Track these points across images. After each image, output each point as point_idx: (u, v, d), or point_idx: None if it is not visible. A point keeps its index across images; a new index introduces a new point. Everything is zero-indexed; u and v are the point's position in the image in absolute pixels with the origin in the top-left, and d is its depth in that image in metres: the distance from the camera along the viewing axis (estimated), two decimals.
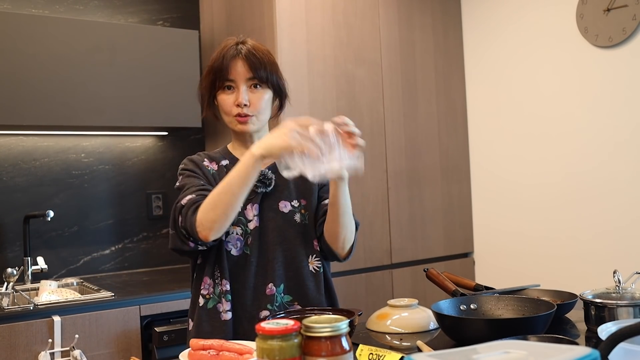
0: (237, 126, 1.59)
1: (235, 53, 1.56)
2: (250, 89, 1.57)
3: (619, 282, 1.48)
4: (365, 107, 2.90)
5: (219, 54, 1.58)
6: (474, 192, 3.30)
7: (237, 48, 1.57)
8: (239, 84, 1.56)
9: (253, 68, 1.55)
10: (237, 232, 1.56)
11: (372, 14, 2.95)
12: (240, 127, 1.58)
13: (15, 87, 2.44)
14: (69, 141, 2.89)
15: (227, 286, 1.55)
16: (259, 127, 1.60)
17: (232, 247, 1.56)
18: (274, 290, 1.55)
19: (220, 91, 1.58)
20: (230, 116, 1.58)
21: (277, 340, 0.97)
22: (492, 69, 3.17)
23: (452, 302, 1.51)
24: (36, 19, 2.51)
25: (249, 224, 1.57)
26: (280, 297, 1.56)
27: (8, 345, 2.08)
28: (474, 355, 0.86)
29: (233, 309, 1.55)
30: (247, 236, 1.57)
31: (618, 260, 2.63)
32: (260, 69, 1.56)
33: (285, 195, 1.60)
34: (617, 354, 0.93)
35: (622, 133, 2.65)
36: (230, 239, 1.56)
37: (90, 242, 2.91)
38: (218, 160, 1.65)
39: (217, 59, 1.57)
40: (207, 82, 1.60)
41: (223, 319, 1.54)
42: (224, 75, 1.55)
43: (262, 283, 1.56)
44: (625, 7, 2.60)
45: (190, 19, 3.22)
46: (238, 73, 1.55)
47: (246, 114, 1.56)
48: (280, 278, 1.56)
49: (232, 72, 1.55)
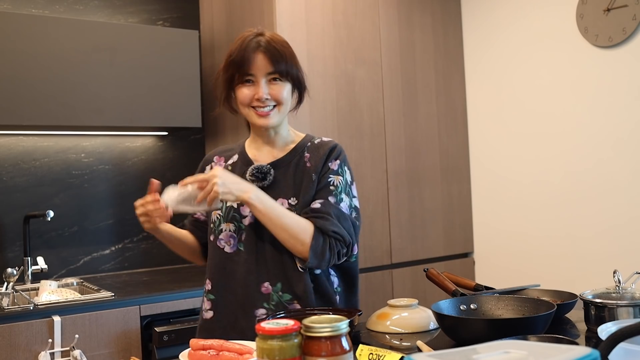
0: (256, 119, 1.55)
1: (255, 46, 1.52)
2: (270, 83, 1.54)
3: (619, 282, 1.48)
4: (365, 107, 2.90)
5: (238, 46, 1.54)
6: (474, 192, 3.30)
7: (257, 40, 1.53)
8: (259, 78, 1.53)
9: (274, 61, 1.52)
10: (230, 228, 1.55)
11: (372, 14, 2.95)
12: (261, 120, 1.55)
13: (15, 87, 2.44)
14: (69, 141, 2.89)
15: (209, 285, 1.58)
16: (279, 120, 1.58)
17: (225, 244, 1.56)
18: (270, 289, 1.53)
19: (239, 84, 1.55)
20: (249, 110, 1.55)
21: (277, 340, 0.97)
22: (492, 68, 3.17)
23: (452, 302, 1.51)
24: (36, 19, 2.51)
25: (244, 220, 1.55)
26: (277, 295, 1.52)
27: (8, 345, 2.08)
28: (474, 355, 0.86)
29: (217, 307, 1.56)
30: (241, 232, 1.55)
31: (618, 260, 2.63)
32: (281, 62, 1.53)
33: (284, 193, 1.56)
34: (617, 354, 0.93)
35: (622, 133, 2.65)
36: (223, 236, 1.56)
37: (90, 242, 2.91)
38: (227, 157, 1.67)
39: (236, 51, 1.53)
40: (225, 75, 1.57)
41: (204, 318, 1.58)
42: (244, 69, 1.52)
43: (256, 281, 1.53)
44: (625, 7, 2.60)
45: (190, 19, 3.22)
46: (258, 67, 1.52)
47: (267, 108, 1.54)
48: (277, 276, 1.53)
49: (253, 66, 1.52)
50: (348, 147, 2.83)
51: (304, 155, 1.60)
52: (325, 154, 1.59)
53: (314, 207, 1.52)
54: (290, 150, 1.62)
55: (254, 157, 1.63)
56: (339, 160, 1.60)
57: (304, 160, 1.59)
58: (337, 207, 1.53)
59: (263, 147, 1.63)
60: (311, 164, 1.58)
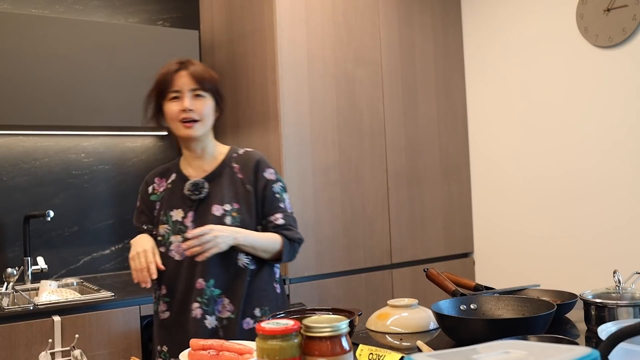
0: (182, 131, 1.75)
1: (178, 68, 1.76)
2: (194, 98, 1.75)
3: (619, 282, 1.48)
4: (365, 107, 2.90)
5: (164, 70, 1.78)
6: (474, 192, 3.30)
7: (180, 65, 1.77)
8: (184, 93, 1.74)
9: (196, 78, 1.75)
10: (178, 240, 1.75)
11: (372, 14, 2.95)
12: (185, 131, 1.75)
13: (15, 87, 2.44)
14: (69, 141, 2.89)
15: (164, 290, 1.78)
16: (203, 131, 1.78)
17: (176, 253, 1.76)
18: (203, 284, 1.72)
19: (167, 101, 1.76)
20: (176, 122, 1.75)
21: (278, 340, 0.98)
22: (492, 68, 3.17)
23: (452, 302, 1.51)
24: (36, 19, 2.51)
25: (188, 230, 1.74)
26: (209, 290, 1.72)
27: (8, 345, 2.08)
28: (474, 355, 0.86)
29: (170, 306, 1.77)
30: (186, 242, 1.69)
31: (618, 260, 2.63)
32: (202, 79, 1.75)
33: (218, 200, 1.77)
34: (617, 354, 0.93)
35: (621, 133, 2.65)
36: (173, 247, 1.76)
37: (90, 242, 2.91)
38: (167, 177, 1.86)
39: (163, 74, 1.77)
40: (154, 93, 1.79)
41: (161, 318, 1.79)
42: (171, 86, 1.75)
43: (192, 278, 1.73)
44: (625, 7, 2.60)
45: (190, 19, 3.22)
46: (183, 83, 1.74)
47: (192, 119, 1.73)
48: (210, 274, 1.72)
49: (178, 82, 1.74)
50: (348, 147, 2.83)
51: (232, 166, 1.83)
52: (254, 166, 1.82)
53: (278, 223, 1.79)
54: (219, 163, 1.83)
55: (188, 173, 1.84)
56: (270, 169, 1.85)
57: (234, 172, 1.82)
58: (290, 215, 1.83)
59: (193, 162, 1.84)
60: (242, 175, 1.82)
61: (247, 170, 1.82)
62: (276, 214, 1.80)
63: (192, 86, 1.74)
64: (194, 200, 1.78)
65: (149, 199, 1.85)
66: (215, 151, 1.85)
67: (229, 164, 1.83)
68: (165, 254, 1.76)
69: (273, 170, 1.85)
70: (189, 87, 1.74)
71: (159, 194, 1.84)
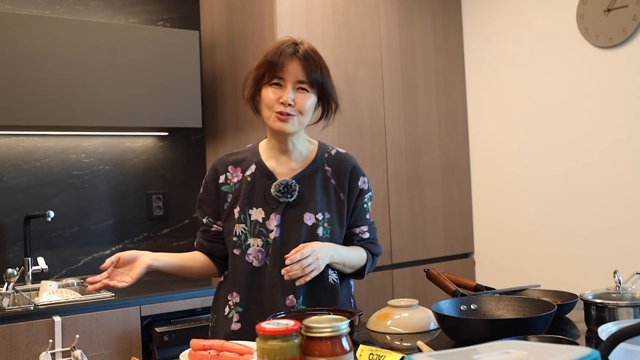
0: (275, 123, 1.56)
1: (292, 52, 1.55)
2: (297, 91, 1.56)
3: (619, 282, 1.48)
4: (365, 107, 2.90)
5: (276, 48, 1.56)
6: (474, 192, 3.30)
7: (295, 47, 1.57)
8: (287, 83, 1.55)
9: (307, 70, 1.55)
10: (258, 243, 1.59)
11: (372, 14, 2.95)
12: (279, 124, 1.56)
13: (15, 87, 2.45)
14: (70, 141, 2.89)
15: (237, 299, 1.61)
16: (298, 128, 1.59)
17: (254, 258, 1.60)
18: (294, 302, 1.58)
19: (267, 85, 1.56)
20: (270, 111, 1.56)
21: (278, 341, 0.98)
22: (492, 68, 3.17)
23: (452, 302, 1.51)
24: (36, 19, 2.51)
25: (270, 234, 1.59)
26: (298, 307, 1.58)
27: (9, 346, 2.08)
28: (475, 355, 0.87)
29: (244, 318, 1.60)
30: (268, 247, 1.58)
31: (618, 260, 2.63)
32: (315, 72, 1.56)
33: (311, 207, 1.60)
34: (618, 354, 0.93)
35: (622, 133, 2.65)
36: (251, 251, 1.59)
37: (90, 242, 2.91)
38: (244, 168, 1.65)
39: (272, 52, 1.56)
40: (256, 72, 1.58)
41: (232, 329, 1.61)
42: (276, 70, 1.54)
43: (280, 294, 1.57)
44: (626, 8, 2.60)
45: (190, 19, 3.22)
46: (290, 72, 1.54)
47: (288, 113, 1.54)
48: (300, 290, 1.58)
49: (285, 70, 1.54)
50: (348, 147, 2.83)
51: (324, 168, 1.65)
52: (348, 172, 1.66)
53: (364, 237, 1.69)
54: (310, 163, 1.65)
55: (273, 169, 1.64)
56: (364, 177, 1.69)
57: (327, 176, 1.65)
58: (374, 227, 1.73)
59: (280, 158, 1.65)
60: (336, 181, 1.65)
61: (341, 175, 1.64)
62: (362, 226, 1.68)
63: (299, 78, 1.54)
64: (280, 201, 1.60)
65: (220, 188, 1.64)
66: (304, 147, 1.66)
67: (321, 165, 1.65)
68: (241, 257, 1.60)
69: (366, 178, 1.69)
70: (295, 78, 1.54)
71: (233, 185, 1.63)
